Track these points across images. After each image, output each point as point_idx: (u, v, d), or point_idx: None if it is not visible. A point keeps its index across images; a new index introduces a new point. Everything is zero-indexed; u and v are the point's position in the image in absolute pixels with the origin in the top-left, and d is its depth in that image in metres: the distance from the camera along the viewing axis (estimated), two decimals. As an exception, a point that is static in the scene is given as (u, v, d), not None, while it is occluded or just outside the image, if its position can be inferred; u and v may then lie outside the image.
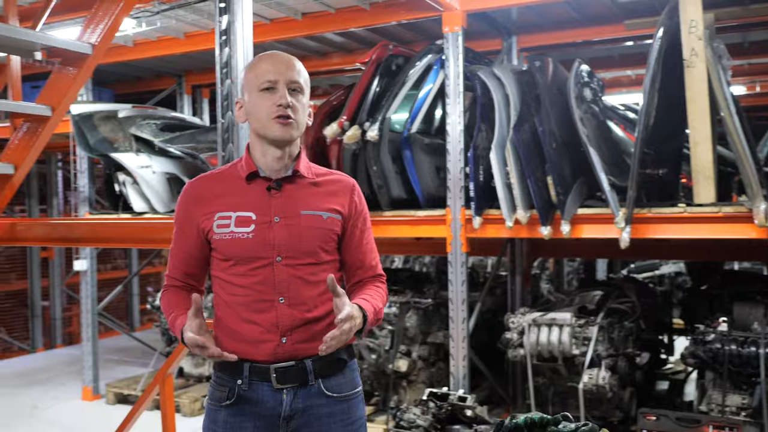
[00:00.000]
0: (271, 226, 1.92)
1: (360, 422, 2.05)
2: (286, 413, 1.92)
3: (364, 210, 2.09)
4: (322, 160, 5.02)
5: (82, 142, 5.92)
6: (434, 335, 5.25)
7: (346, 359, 2.02)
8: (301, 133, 1.98)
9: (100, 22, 2.88)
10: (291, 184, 1.98)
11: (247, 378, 1.92)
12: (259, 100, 1.93)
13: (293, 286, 1.91)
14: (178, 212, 2.03)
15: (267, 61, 1.95)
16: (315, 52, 6.66)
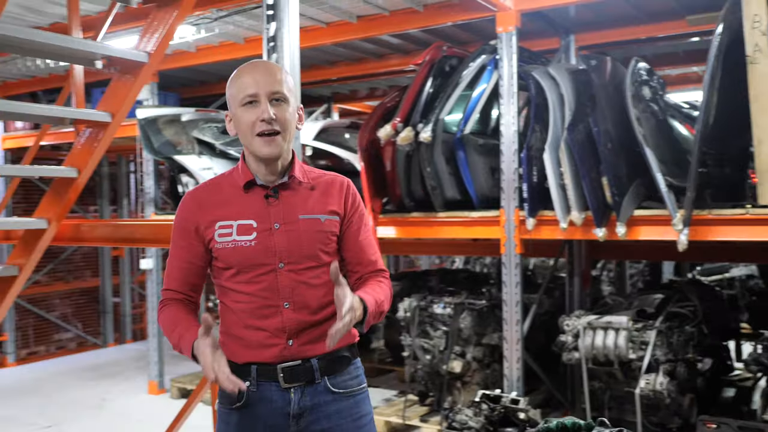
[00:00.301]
0: (271, 233, 1.94)
1: (368, 418, 2.09)
2: (295, 411, 1.96)
3: (359, 207, 2.09)
4: (376, 162, 5.07)
5: (147, 145, 6.13)
6: (489, 336, 5.22)
7: (350, 357, 2.04)
8: (290, 144, 1.98)
9: (155, 32, 2.99)
10: (287, 190, 1.99)
11: (254, 379, 1.95)
12: (242, 115, 1.92)
13: (297, 290, 1.94)
14: (178, 222, 2.03)
15: (247, 74, 1.94)
16: (372, 54, 6.71)
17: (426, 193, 4.93)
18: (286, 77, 1.96)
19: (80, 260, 9.19)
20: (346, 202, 2.05)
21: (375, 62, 6.87)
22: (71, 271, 9.18)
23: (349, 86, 8.50)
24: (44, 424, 5.73)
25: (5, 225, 3.57)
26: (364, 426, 2.05)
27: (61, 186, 3.30)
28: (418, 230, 5.13)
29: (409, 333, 5.40)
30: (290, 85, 1.97)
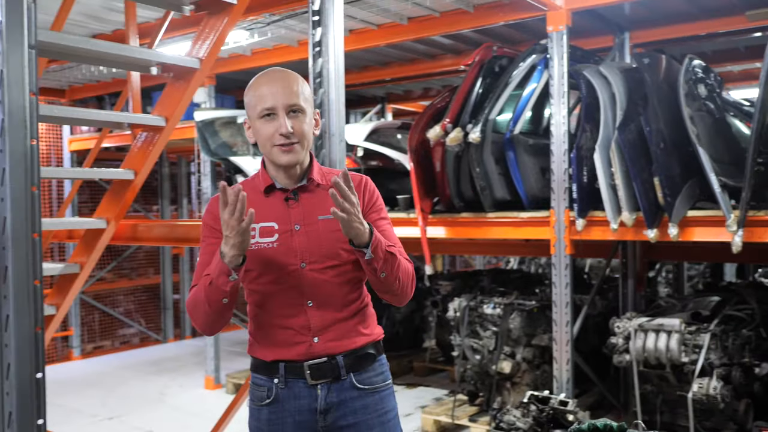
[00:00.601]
0: (292, 234, 2.00)
1: (393, 413, 2.13)
2: (322, 407, 2.02)
3: (377, 203, 2.12)
4: (426, 163, 5.10)
5: (204, 146, 6.31)
6: (539, 337, 5.19)
7: (375, 354, 2.09)
8: (308, 151, 2.03)
9: (206, 39, 3.09)
10: (306, 192, 2.05)
11: (283, 377, 2.01)
12: (261, 127, 1.97)
13: (320, 289, 1.99)
14: (205, 226, 2.08)
15: (264, 86, 1.98)
16: (424, 55, 6.74)
17: (476, 193, 4.93)
18: (302, 88, 2.01)
19: (143, 258, 9.51)
20: (364, 200, 2.07)
21: (428, 63, 6.90)
22: (135, 269, 9.50)
23: (403, 86, 8.54)
24: (106, 415, 5.97)
25: (67, 225, 3.74)
26: (389, 421, 2.10)
27: (119, 187, 3.44)
28: (467, 230, 5.14)
29: (459, 333, 5.41)
30: (306, 95, 2.03)
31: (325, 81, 2.82)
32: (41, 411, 1.87)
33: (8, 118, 1.81)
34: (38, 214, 1.87)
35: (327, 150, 2.85)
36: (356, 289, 2.07)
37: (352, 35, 5.79)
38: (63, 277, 3.60)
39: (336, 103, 2.87)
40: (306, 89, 2.03)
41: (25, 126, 1.84)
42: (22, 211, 1.84)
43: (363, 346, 2.05)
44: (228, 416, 3.69)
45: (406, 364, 7.22)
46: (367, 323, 2.10)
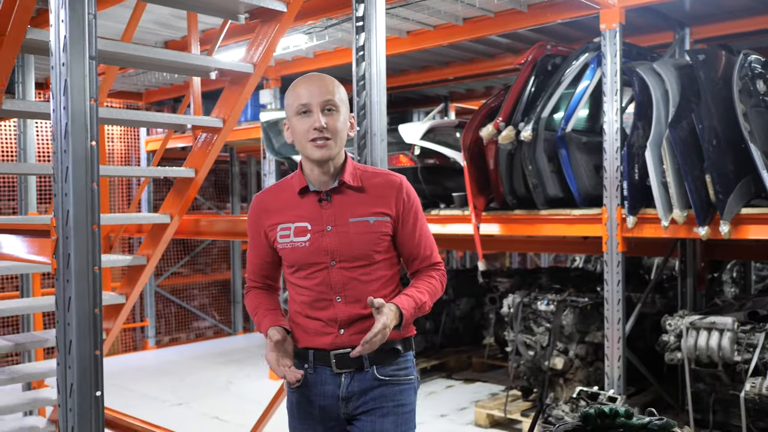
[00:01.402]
0: (323, 235, 2.10)
1: (409, 407, 2.20)
2: (344, 395, 2.14)
3: (413, 205, 2.18)
4: (480, 161, 5.19)
5: (269, 146, 6.57)
6: (593, 334, 5.20)
7: (401, 350, 2.17)
8: (341, 148, 2.13)
9: (259, 45, 3.29)
10: (339, 194, 2.13)
11: (312, 363, 2.15)
12: (297, 124, 2.09)
13: (348, 286, 2.10)
14: (250, 223, 2.25)
15: (302, 86, 2.10)
16: (483, 54, 6.82)
17: (528, 190, 4.99)
18: (338, 89, 2.12)
19: (217, 254, 9.93)
20: (399, 202, 2.14)
21: (487, 62, 6.96)
22: (209, 264, 9.93)
23: (465, 85, 8.61)
24: (175, 401, 6.30)
25: (135, 219, 4.02)
26: (403, 414, 2.18)
27: (181, 185, 3.68)
28: (520, 228, 5.20)
29: (512, 329, 5.47)
30: (342, 96, 2.13)
31: (368, 83, 2.97)
32: (99, 384, 2.08)
33: (71, 122, 2.03)
34: (97, 208, 2.09)
35: (369, 149, 2.99)
36: (386, 286, 2.16)
37: (410, 36, 5.93)
38: (132, 269, 3.88)
39: (378, 104, 3.01)
40: (342, 91, 2.13)
41: (86, 129, 2.06)
42: (83, 204, 2.05)
43: (389, 342, 2.10)
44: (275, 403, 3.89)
45: (465, 359, 7.30)
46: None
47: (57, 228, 2.07)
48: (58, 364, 2.09)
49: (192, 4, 3.26)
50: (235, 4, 3.19)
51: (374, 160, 3.00)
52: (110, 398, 5.82)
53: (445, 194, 5.82)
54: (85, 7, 2.05)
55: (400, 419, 2.17)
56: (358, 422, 2.17)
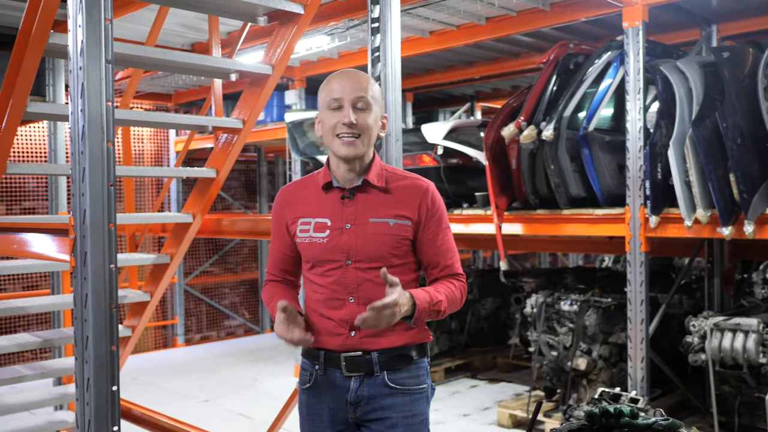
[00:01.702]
0: (342, 233, 2.07)
1: (420, 418, 2.14)
2: (352, 398, 2.09)
3: (438, 212, 2.13)
4: (502, 161, 5.18)
5: (294, 146, 6.64)
6: (617, 335, 5.16)
7: (413, 356, 2.12)
8: (369, 147, 2.09)
9: (277, 47, 3.34)
10: (362, 192, 2.10)
11: (322, 364, 2.10)
12: (327, 117, 2.07)
13: (362, 287, 2.06)
14: (273, 215, 2.22)
15: (335, 81, 2.08)
16: (508, 54, 6.80)
17: (551, 190, 4.97)
18: (371, 86, 2.09)
19: (247, 253, 10.05)
20: (422, 208, 2.09)
21: (512, 61, 6.95)
22: (240, 263, 10.05)
23: (491, 84, 8.59)
24: (202, 397, 6.40)
25: (158, 219, 4.10)
26: (414, 425, 2.12)
27: (203, 185, 3.74)
28: (542, 227, 5.18)
29: (535, 329, 5.46)
30: (375, 94, 2.09)
31: (383, 84, 2.99)
32: (115, 378, 2.14)
33: (88, 125, 2.09)
34: (113, 208, 2.14)
35: (384, 149, 3.02)
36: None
37: (432, 36, 5.94)
38: (156, 267, 3.96)
39: (393, 104, 3.03)
40: (375, 89, 2.11)
41: (102, 131, 2.12)
42: (99, 204, 2.11)
43: (401, 347, 2.09)
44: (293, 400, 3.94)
45: (490, 360, 7.29)
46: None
47: (75, 227, 2.13)
48: (75, 359, 2.15)
49: (212, 8, 3.32)
50: (253, 7, 3.23)
51: (389, 160, 3.02)
52: (138, 394, 5.95)
53: (468, 194, 5.82)
54: (101, 13, 2.11)
55: (410, 429, 2.12)
56: (367, 431, 2.13)
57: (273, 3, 3.22)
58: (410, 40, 6.08)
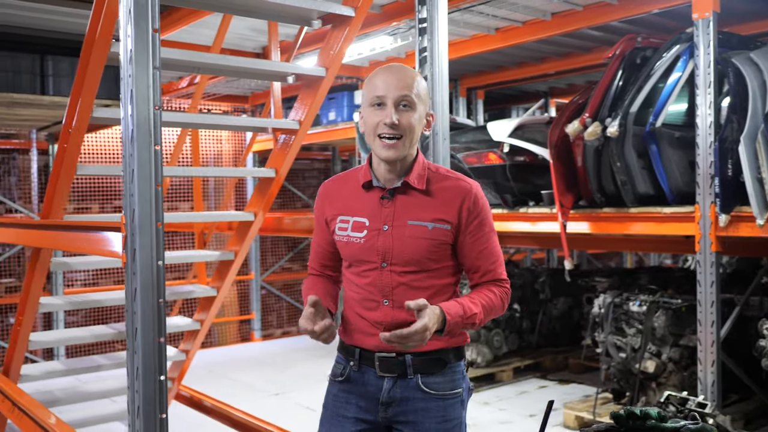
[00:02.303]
0: (379, 234, 2.03)
1: (456, 422, 2.10)
2: (384, 399, 2.07)
3: (480, 215, 2.05)
4: (567, 158, 5.10)
5: (362, 145, 6.73)
6: (688, 338, 4.99)
7: (447, 360, 2.08)
8: (412, 147, 2.03)
9: (330, 49, 3.42)
10: (402, 194, 2.05)
11: (357, 361, 2.10)
12: (369, 115, 2.01)
13: (397, 290, 2.02)
14: (316, 210, 2.20)
15: (380, 77, 2.01)
16: (578, 48, 6.69)
17: (617, 188, 4.86)
18: (417, 83, 2.01)
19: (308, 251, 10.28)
20: (462, 211, 2.03)
21: (583, 55, 6.83)
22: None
23: (566, 80, 8.45)
24: (273, 391, 6.59)
25: (221, 217, 4.25)
26: (448, 430, 2.08)
27: (264, 184, 3.87)
28: (608, 226, 5.07)
29: (603, 329, 5.34)
30: (420, 91, 2.01)
31: (430, 84, 3.02)
32: (162, 369, 2.26)
33: (136, 129, 2.22)
34: (161, 207, 2.26)
35: (432, 149, 3.04)
36: (437, 295, 2.04)
37: (498, 33, 5.92)
38: (221, 264, 4.12)
39: (440, 104, 3.06)
40: (421, 86, 2.03)
41: (150, 134, 2.24)
42: (147, 204, 2.23)
43: (436, 350, 2.05)
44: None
45: (562, 360, 7.18)
46: None
47: (126, 225, 2.26)
48: (127, 350, 2.28)
49: (269, 14, 3.43)
50: (308, 11, 3.32)
51: (437, 159, 3.05)
52: (212, 386, 6.19)
53: (534, 192, 5.75)
54: (148, 23, 2.23)
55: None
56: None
57: (326, 7, 3.30)
58: (476, 37, 6.07)
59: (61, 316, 7.78)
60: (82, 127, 3.03)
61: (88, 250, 2.72)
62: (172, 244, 8.51)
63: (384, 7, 5.33)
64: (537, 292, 7.38)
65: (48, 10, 4.97)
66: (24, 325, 3.78)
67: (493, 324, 6.81)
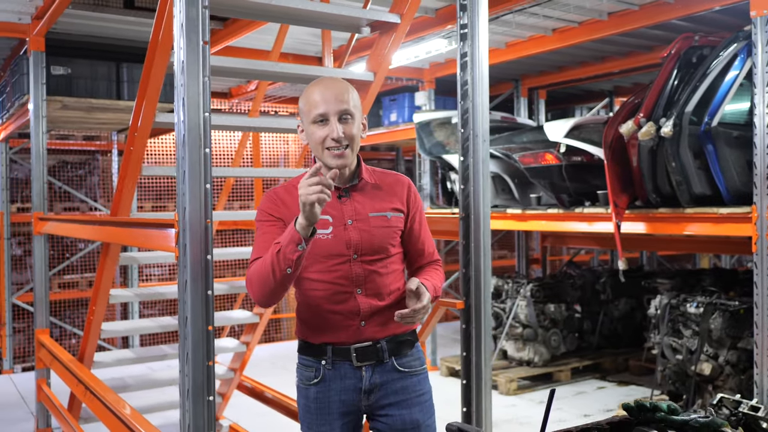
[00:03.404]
0: (345, 228, 2.19)
1: (428, 395, 2.34)
2: (366, 387, 2.22)
3: (419, 203, 2.34)
4: (622, 158, 5.09)
5: (421, 145, 6.85)
6: (746, 340, 4.91)
7: (413, 340, 2.32)
8: (355, 153, 2.20)
9: (378, 54, 3.56)
10: (357, 191, 2.24)
11: (330, 358, 2.22)
12: (314, 131, 2.15)
13: (369, 278, 2.19)
14: (265, 213, 2.21)
15: (316, 93, 2.15)
16: (638, 47, 6.63)
17: (673, 188, 4.82)
18: (351, 95, 2.18)
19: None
20: (409, 200, 2.29)
21: (644, 54, 6.78)
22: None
23: (631, 78, 8.35)
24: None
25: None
26: (425, 402, 2.31)
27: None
28: (664, 226, 5.03)
29: (658, 331, 5.30)
30: (356, 102, 2.20)
31: (470, 89, 3.12)
32: (210, 355, 2.44)
33: (187, 133, 2.41)
34: (210, 205, 2.44)
35: (472, 150, 3.14)
36: (398, 279, 2.28)
37: (555, 34, 5.94)
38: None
39: (481, 106, 3.15)
40: (355, 96, 2.21)
41: (200, 138, 2.43)
42: (197, 202, 2.42)
43: (403, 333, 2.27)
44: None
45: (622, 362, 7.11)
46: None
47: (179, 222, 2.46)
48: (179, 337, 2.48)
49: (322, 22, 3.60)
50: (357, 19, 3.47)
51: (477, 161, 3.15)
52: (274, 378, 6.41)
53: (591, 192, 5.75)
54: (199, 36, 2.42)
55: (425, 407, 2.30)
56: (385, 417, 2.25)
57: (373, 14, 3.44)
58: (534, 38, 6.10)
59: (136, 308, 8.21)
60: (146, 131, 3.26)
61: (146, 244, 2.94)
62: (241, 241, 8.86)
63: (438, 11, 5.44)
64: (598, 292, 7.34)
65: (122, 21, 5.32)
66: (96, 314, 4.07)
67: (550, 324, 6.82)
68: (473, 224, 3.13)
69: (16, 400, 6.49)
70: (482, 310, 3.10)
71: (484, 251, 3.11)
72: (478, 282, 3.09)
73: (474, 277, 3.10)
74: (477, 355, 3.16)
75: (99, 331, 4.16)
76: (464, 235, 3.15)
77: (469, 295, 3.11)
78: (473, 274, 3.10)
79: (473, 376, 3.18)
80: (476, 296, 3.10)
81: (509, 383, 6.37)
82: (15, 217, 7.87)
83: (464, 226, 3.16)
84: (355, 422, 2.31)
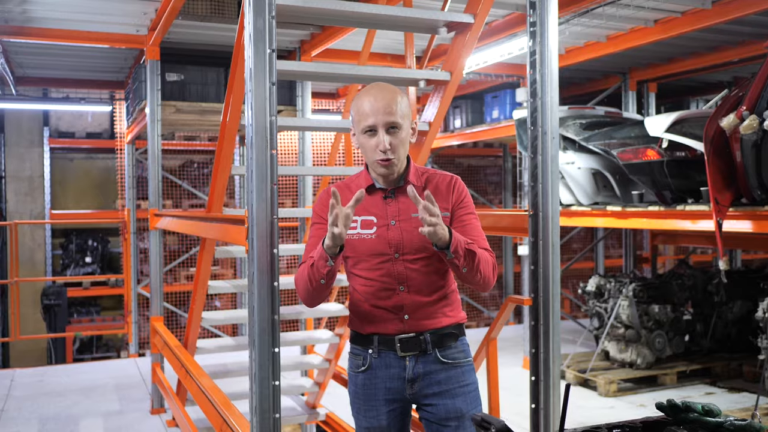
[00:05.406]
0: (388, 229, 2.29)
1: (473, 386, 2.38)
2: (410, 376, 2.33)
3: (464, 200, 2.35)
4: (725, 153, 4.86)
5: (520, 142, 6.82)
6: None
7: (457, 333, 2.38)
8: (403, 160, 2.30)
9: (455, 54, 3.62)
10: (403, 192, 2.32)
11: (376, 348, 2.35)
12: (363, 140, 2.29)
13: (410, 276, 2.29)
14: (314, 216, 2.40)
15: (366, 104, 2.26)
16: (752, 36, 6.28)
17: (776, 183, 4.57)
18: (399, 104, 2.26)
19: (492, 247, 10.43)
20: (453, 198, 2.34)
21: (759, 43, 6.38)
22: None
23: (750, 68, 7.89)
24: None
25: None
26: (470, 393, 2.37)
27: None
28: (768, 225, 4.76)
29: (765, 335, 5.02)
30: (404, 110, 2.28)
31: (539, 87, 3.11)
32: (275, 342, 2.60)
33: (255, 135, 2.58)
34: (275, 203, 2.60)
35: (541, 147, 3.14)
36: (443, 277, 2.35)
37: (657, 25, 5.75)
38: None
39: (550, 104, 3.12)
40: (403, 105, 2.29)
41: (267, 140, 2.59)
42: (263, 200, 2.59)
43: (447, 326, 2.35)
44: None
45: (735, 367, 6.76)
46: (452, 307, 2.40)
47: (248, 218, 2.64)
48: (248, 325, 2.67)
49: (402, 25, 3.71)
50: (434, 21, 3.55)
51: (546, 158, 3.13)
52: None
53: (694, 189, 5.52)
54: (266, 45, 2.59)
55: (469, 398, 2.36)
56: (430, 407, 2.35)
57: (448, 16, 3.52)
58: (635, 30, 5.94)
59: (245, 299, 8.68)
60: (233, 133, 3.50)
61: (226, 238, 3.16)
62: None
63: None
64: (710, 294, 7.02)
65: (228, 29, 5.65)
66: (197, 303, 4.38)
67: (654, 325, 6.59)
68: (542, 221, 3.12)
69: (137, 382, 7.06)
70: (550, 307, 3.09)
71: (552, 248, 3.09)
72: (546, 279, 3.07)
73: (542, 274, 3.10)
74: (545, 352, 3.14)
75: (200, 320, 4.47)
76: (533, 232, 3.15)
77: (538, 292, 3.11)
78: (542, 271, 3.10)
79: (541, 372, 3.17)
80: (544, 293, 3.09)
81: (609, 384, 6.23)
82: (140, 213, 8.52)
83: (533, 224, 3.16)
84: (401, 410, 2.41)
